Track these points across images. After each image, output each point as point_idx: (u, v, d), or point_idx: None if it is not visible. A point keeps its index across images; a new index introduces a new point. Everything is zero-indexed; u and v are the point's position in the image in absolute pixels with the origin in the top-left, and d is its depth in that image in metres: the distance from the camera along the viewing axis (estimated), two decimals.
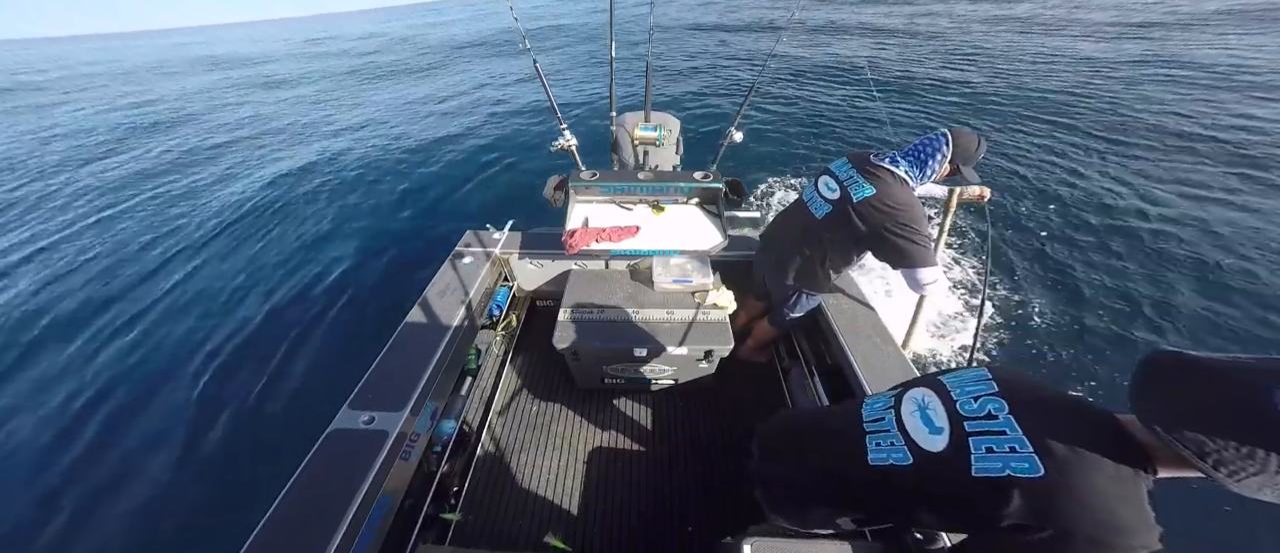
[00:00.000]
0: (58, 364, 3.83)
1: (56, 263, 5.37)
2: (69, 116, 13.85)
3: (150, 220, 6.27)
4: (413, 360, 1.71)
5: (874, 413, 1.01)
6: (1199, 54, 10.40)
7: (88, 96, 17.38)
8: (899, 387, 1.05)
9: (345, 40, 30.74)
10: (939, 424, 0.86)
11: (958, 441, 0.81)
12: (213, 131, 10.59)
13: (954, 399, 0.87)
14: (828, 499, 1.05)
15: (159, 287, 4.73)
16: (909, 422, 0.92)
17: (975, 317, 3.67)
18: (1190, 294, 3.78)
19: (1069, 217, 4.89)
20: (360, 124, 9.93)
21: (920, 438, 0.87)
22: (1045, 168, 5.92)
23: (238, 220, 5.99)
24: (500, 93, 11.15)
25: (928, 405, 0.91)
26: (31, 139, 11.33)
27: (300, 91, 14.49)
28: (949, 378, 0.94)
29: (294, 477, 1.32)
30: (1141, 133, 6.71)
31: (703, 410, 2.26)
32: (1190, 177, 5.46)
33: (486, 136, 8.25)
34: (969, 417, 0.82)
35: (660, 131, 2.60)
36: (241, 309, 4.28)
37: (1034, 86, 9.02)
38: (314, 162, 7.78)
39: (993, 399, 0.82)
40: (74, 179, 8.12)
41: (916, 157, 1.57)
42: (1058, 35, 13.57)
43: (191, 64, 25.65)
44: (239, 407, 3.28)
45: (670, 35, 16.91)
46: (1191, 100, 7.71)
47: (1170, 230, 4.52)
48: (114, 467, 2.96)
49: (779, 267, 1.91)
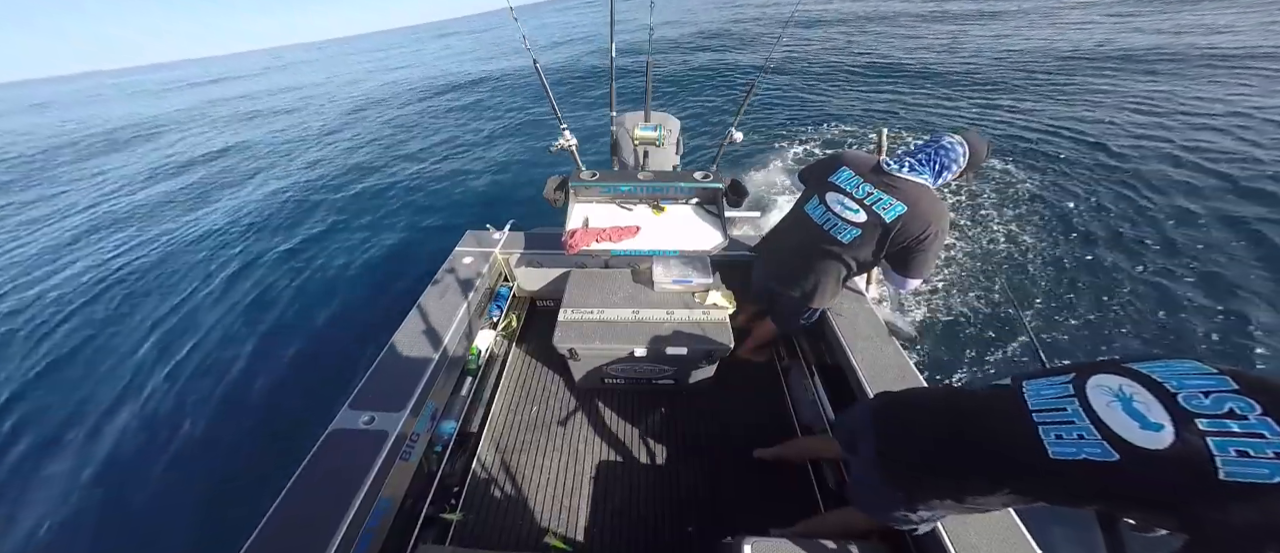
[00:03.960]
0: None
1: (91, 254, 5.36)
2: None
3: (147, 231, 6.28)
4: (413, 361, 1.71)
5: (1044, 400, 0.91)
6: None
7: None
8: (1070, 372, 0.95)
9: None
10: (1155, 420, 0.75)
11: (1190, 439, 0.70)
12: (198, 145, 10.59)
13: (1172, 393, 0.77)
14: (992, 478, 0.96)
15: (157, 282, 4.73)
16: (1108, 414, 0.81)
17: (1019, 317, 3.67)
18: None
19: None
20: (358, 122, 9.93)
21: (1129, 433, 0.77)
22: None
23: (234, 222, 5.99)
24: (501, 92, 11.15)
25: (1133, 398, 0.80)
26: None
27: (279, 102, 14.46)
28: (1151, 368, 0.84)
29: (294, 477, 1.33)
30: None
31: (703, 410, 2.25)
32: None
33: (487, 137, 8.25)
34: (1201, 414, 0.72)
35: (660, 131, 2.59)
36: (240, 309, 4.28)
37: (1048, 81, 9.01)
38: (312, 160, 7.79)
39: (1234, 398, 0.71)
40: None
41: (934, 163, 1.50)
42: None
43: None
44: (238, 407, 3.28)
45: (670, 35, 16.91)
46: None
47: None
48: (114, 466, 2.96)
49: (788, 283, 1.82)
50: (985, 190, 5.32)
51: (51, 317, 4.54)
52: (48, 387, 3.68)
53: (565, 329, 1.94)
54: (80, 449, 3.10)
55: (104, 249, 5.86)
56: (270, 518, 1.23)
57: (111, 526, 2.65)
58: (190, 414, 3.27)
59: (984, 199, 5.19)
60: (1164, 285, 3.83)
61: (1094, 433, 0.80)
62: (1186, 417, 0.73)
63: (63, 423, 3.32)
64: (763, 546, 1.28)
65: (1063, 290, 3.92)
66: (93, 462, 3.00)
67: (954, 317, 3.70)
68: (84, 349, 4.02)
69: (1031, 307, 3.78)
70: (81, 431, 3.26)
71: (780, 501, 1.86)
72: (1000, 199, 5.17)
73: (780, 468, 1.97)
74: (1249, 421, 0.68)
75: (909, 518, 1.17)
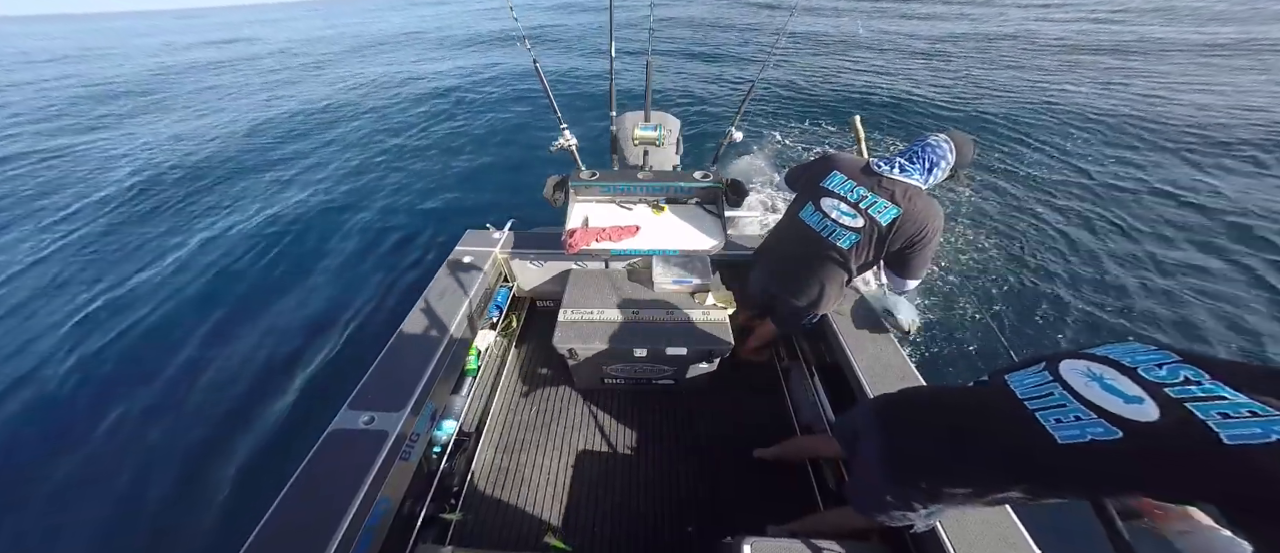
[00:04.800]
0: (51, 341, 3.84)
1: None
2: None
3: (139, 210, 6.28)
4: (412, 361, 1.71)
5: (1029, 389, 0.93)
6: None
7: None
8: (1039, 361, 0.97)
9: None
10: (1133, 393, 0.78)
11: (1173, 409, 0.72)
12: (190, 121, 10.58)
13: (1132, 367, 0.80)
14: (1006, 475, 0.96)
15: (156, 278, 4.73)
16: (1091, 392, 0.83)
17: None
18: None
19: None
20: (357, 119, 9.92)
21: (1117, 408, 0.78)
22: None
23: (228, 226, 5.99)
24: (500, 91, 11.14)
25: (1103, 376, 0.83)
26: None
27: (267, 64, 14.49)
28: (1105, 350, 0.88)
29: (294, 477, 1.33)
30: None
31: (702, 410, 2.26)
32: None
33: (486, 137, 8.25)
34: (1166, 383, 0.75)
35: (660, 131, 2.60)
36: (239, 310, 4.28)
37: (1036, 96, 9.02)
38: (310, 160, 7.79)
39: (1183, 366, 0.76)
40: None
41: (923, 162, 1.51)
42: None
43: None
44: (237, 409, 3.28)
45: (671, 35, 16.90)
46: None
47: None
48: (111, 470, 2.96)
49: (791, 291, 1.81)
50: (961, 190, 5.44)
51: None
52: None
53: (565, 329, 1.94)
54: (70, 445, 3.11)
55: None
56: (269, 518, 1.24)
57: (111, 525, 2.65)
58: (191, 414, 3.27)
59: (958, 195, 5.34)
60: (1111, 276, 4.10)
61: (1088, 413, 0.81)
62: (1156, 387, 0.76)
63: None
64: (762, 546, 1.28)
65: (1026, 285, 4.05)
66: (92, 461, 3.01)
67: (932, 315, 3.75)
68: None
69: (993, 303, 3.90)
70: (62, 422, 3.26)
71: (780, 500, 1.87)
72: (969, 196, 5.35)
73: (780, 468, 1.98)
74: (1204, 384, 0.73)
75: (907, 517, 1.18)
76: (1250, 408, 0.68)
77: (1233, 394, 0.70)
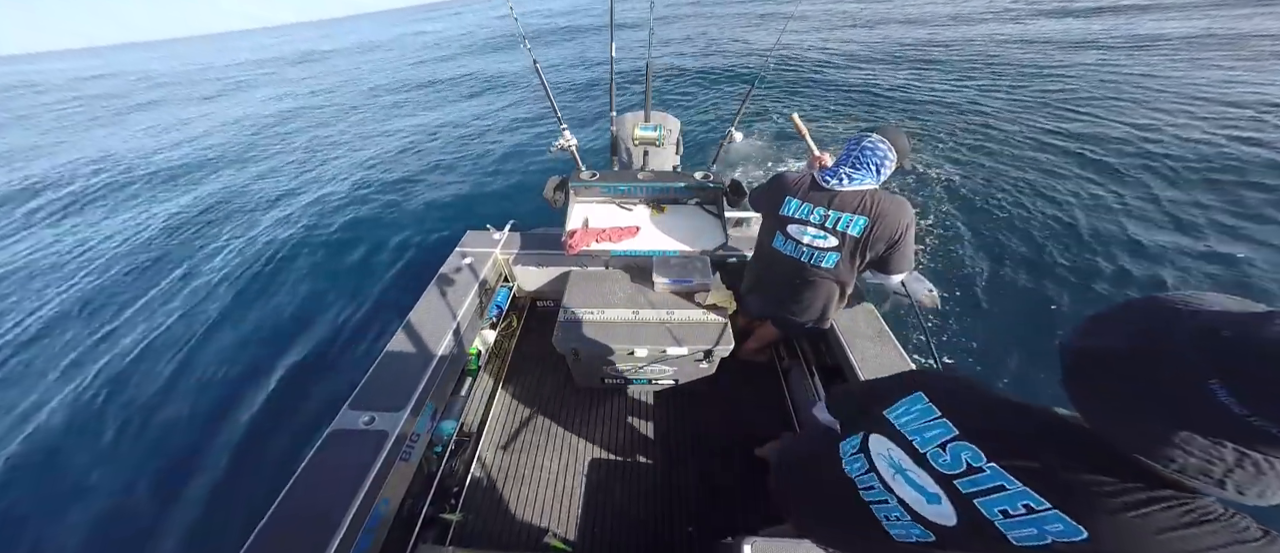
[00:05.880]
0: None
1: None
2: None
3: (152, 223, 6.28)
4: (413, 361, 1.71)
5: (856, 471, 0.93)
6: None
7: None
8: (862, 424, 0.95)
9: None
10: (931, 490, 0.77)
11: (966, 510, 0.72)
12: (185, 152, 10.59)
13: (921, 453, 0.79)
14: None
15: (153, 277, 4.74)
16: (896, 486, 0.83)
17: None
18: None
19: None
20: (358, 123, 9.94)
21: (923, 509, 0.78)
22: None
23: (229, 229, 6.00)
24: (500, 92, 11.15)
25: (905, 468, 0.82)
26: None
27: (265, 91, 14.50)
28: (896, 416, 0.86)
29: (294, 477, 1.32)
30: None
31: (703, 410, 2.26)
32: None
33: (486, 136, 8.25)
34: (954, 474, 0.74)
35: (660, 131, 2.60)
36: (239, 309, 4.28)
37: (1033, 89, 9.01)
38: (308, 156, 7.79)
39: (961, 446, 0.74)
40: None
41: (868, 165, 1.50)
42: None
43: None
44: (237, 407, 3.28)
45: (671, 34, 16.91)
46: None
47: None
48: (110, 469, 2.96)
49: (792, 312, 1.83)
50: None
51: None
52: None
53: (565, 329, 1.94)
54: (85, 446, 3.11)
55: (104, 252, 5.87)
56: (270, 519, 1.23)
57: (108, 525, 2.65)
58: (189, 415, 3.27)
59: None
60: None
61: (903, 513, 0.81)
62: (947, 480, 0.75)
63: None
64: (762, 546, 1.28)
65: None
66: (91, 462, 3.01)
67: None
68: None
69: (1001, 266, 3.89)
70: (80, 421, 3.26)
71: None
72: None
73: None
74: (984, 473, 0.70)
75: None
76: (1026, 500, 0.66)
77: (1010, 483, 0.68)
